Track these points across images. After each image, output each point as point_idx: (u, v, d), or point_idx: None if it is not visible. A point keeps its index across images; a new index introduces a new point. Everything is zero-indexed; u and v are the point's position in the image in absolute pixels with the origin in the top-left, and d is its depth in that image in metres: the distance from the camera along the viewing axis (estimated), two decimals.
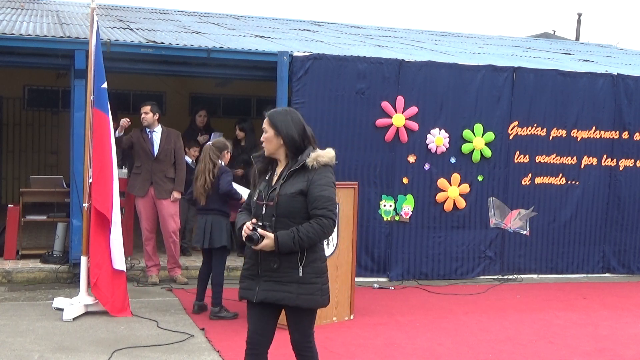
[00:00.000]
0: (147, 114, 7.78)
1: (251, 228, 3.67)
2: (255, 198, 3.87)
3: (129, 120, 7.72)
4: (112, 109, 6.70)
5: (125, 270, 6.62)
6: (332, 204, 3.75)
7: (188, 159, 8.55)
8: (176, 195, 7.81)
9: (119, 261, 6.50)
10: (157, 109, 7.89)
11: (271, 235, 3.66)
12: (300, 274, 3.72)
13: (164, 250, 8.06)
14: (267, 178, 3.89)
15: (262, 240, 3.66)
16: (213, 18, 13.91)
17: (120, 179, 6.96)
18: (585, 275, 9.23)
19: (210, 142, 6.94)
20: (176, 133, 7.99)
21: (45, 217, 8.69)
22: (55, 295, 6.98)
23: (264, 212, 3.78)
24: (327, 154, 3.82)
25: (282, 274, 3.73)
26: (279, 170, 3.89)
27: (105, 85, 6.58)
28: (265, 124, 3.88)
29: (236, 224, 3.92)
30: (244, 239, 3.71)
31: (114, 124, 6.81)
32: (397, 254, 8.51)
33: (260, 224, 3.70)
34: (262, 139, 3.87)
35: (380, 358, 5.57)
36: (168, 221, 7.79)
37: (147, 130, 7.84)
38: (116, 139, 7.02)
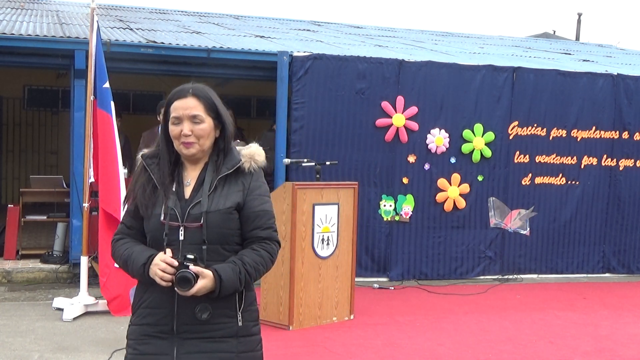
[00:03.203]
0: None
1: (176, 264, 2.48)
2: (163, 218, 2.57)
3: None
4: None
5: None
6: (275, 222, 2.71)
7: None
8: None
9: None
10: None
11: (209, 272, 2.49)
12: (240, 324, 2.60)
13: None
14: (174, 189, 2.64)
15: (198, 281, 2.48)
16: (213, 18, 13.91)
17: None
18: (585, 275, 9.23)
19: None
20: None
21: (45, 217, 8.69)
22: (55, 295, 6.98)
23: (181, 237, 2.56)
24: (260, 152, 2.72)
25: (214, 325, 2.57)
26: (189, 175, 2.68)
27: (107, 85, 6.58)
28: (198, 108, 2.61)
29: (129, 260, 2.60)
30: (169, 281, 2.48)
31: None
32: (397, 254, 8.51)
33: (190, 256, 2.49)
34: (188, 132, 2.59)
35: (380, 358, 5.57)
36: None
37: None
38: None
